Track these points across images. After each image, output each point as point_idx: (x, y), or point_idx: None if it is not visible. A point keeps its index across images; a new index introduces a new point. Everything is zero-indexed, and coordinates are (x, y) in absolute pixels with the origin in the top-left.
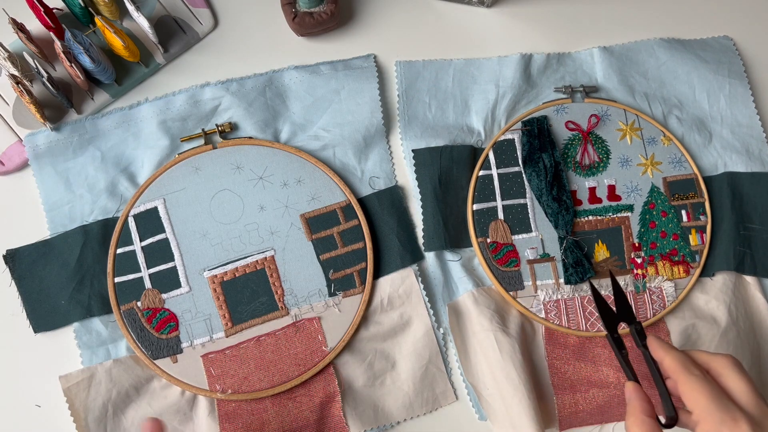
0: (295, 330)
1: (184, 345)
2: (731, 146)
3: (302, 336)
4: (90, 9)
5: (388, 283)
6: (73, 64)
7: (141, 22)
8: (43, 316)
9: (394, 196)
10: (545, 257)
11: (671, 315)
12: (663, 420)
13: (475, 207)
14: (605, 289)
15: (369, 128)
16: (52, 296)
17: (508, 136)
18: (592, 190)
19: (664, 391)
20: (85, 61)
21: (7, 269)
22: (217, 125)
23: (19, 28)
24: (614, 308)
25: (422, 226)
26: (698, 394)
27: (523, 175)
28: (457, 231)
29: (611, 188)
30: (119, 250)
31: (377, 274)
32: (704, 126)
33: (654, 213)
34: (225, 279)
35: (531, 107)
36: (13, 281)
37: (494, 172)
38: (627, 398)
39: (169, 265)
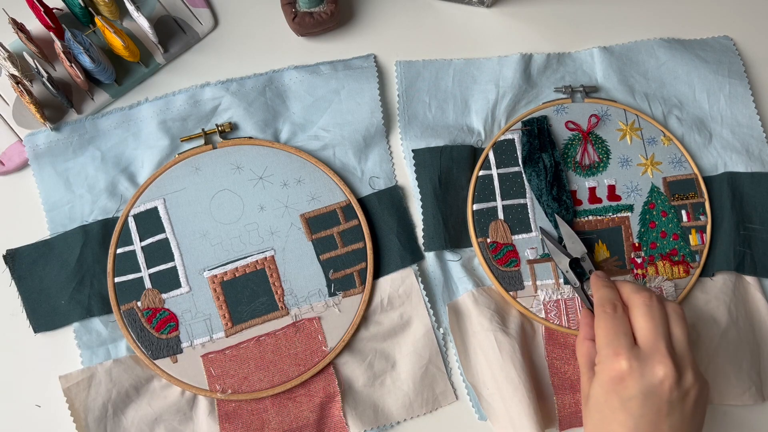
0: (295, 330)
1: (184, 345)
2: (731, 146)
3: (302, 336)
4: (90, 9)
5: (388, 283)
6: (73, 64)
7: (141, 22)
8: (43, 316)
9: (394, 196)
10: (545, 257)
11: None
12: None
13: (475, 207)
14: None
15: (369, 128)
16: (52, 296)
17: (508, 136)
18: (592, 190)
19: None
20: (85, 61)
21: (7, 269)
22: (217, 125)
23: (19, 28)
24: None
25: (422, 226)
26: (600, 330)
27: (523, 175)
28: (457, 231)
29: (611, 188)
30: (119, 250)
31: (377, 274)
32: (704, 126)
33: (654, 213)
34: (225, 279)
35: (531, 107)
36: (13, 281)
37: (494, 172)
38: (580, 322)
39: (169, 265)
